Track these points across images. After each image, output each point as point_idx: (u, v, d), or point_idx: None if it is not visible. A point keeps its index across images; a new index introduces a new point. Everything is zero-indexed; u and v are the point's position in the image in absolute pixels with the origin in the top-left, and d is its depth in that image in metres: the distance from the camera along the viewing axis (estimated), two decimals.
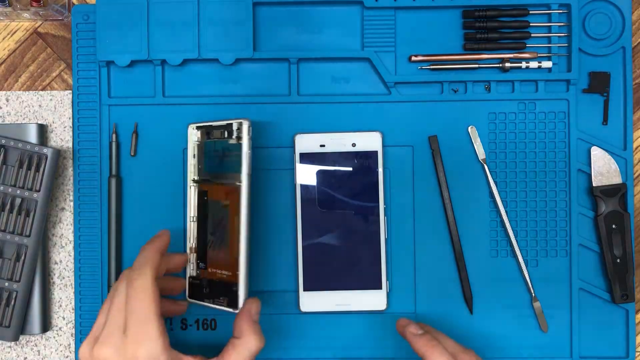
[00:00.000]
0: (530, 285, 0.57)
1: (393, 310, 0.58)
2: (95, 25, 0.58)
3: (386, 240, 0.57)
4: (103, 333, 0.46)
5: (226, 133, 0.53)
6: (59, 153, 0.57)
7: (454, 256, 0.58)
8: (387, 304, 0.57)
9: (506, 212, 0.58)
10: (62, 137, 0.60)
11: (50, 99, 0.60)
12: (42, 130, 0.59)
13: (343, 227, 0.57)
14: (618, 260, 0.57)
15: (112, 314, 0.46)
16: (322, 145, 0.57)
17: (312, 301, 0.57)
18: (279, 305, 0.58)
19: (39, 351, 0.59)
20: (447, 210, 0.58)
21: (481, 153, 0.58)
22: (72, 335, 0.59)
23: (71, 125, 0.59)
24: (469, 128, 0.58)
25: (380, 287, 0.57)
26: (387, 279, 0.57)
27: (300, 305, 0.57)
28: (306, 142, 0.57)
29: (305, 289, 0.57)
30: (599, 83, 0.58)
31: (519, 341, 0.58)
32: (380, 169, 0.57)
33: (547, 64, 0.58)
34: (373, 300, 0.57)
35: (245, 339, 0.48)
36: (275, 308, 0.58)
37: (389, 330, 0.58)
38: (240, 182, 0.50)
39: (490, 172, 0.58)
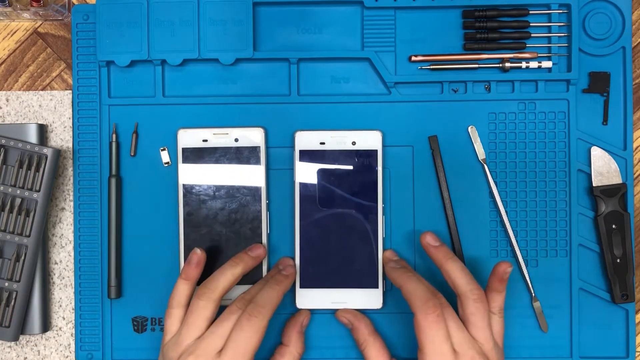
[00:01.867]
0: (530, 285, 0.57)
1: (390, 309, 0.58)
2: (95, 25, 0.58)
3: (384, 239, 0.57)
4: (200, 347, 0.49)
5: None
6: (59, 153, 0.57)
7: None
8: (384, 303, 0.57)
9: (506, 212, 0.58)
10: (62, 137, 0.60)
11: (50, 99, 0.60)
12: (42, 130, 0.59)
13: (341, 225, 0.57)
14: (618, 260, 0.57)
15: (212, 337, 0.49)
16: (322, 143, 0.57)
17: (308, 298, 0.57)
18: None
19: (39, 351, 0.59)
20: (447, 210, 0.58)
21: (481, 153, 0.58)
22: (72, 335, 0.59)
23: (71, 125, 0.60)
24: (469, 128, 0.58)
25: (376, 286, 0.57)
26: (383, 278, 0.57)
27: (297, 301, 0.57)
28: (306, 140, 0.57)
29: (301, 286, 0.57)
30: (599, 83, 0.58)
31: (519, 341, 0.58)
32: (379, 168, 0.57)
33: (547, 64, 0.58)
34: (369, 298, 0.57)
35: (292, 347, 0.54)
36: None
37: (385, 329, 0.58)
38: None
39: (490, 172, 0.58)
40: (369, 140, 0.57)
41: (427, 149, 0.58)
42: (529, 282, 0.57)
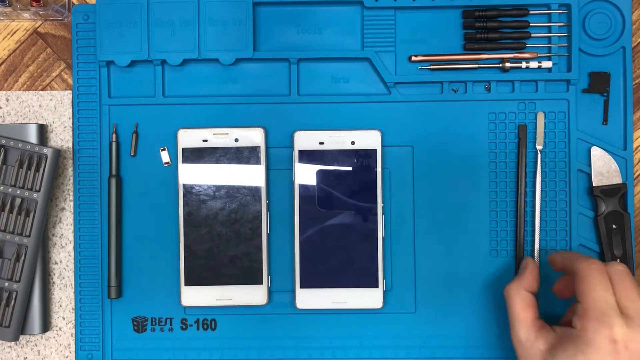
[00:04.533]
0: None
1: (390, 309, 0.58)
2: (95, 25, 0.58)
3: (383, 238, 0.57)
4: None
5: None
6: (59, 153, 0.57)
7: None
8: (384, 303, 0.57)
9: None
10: (62, 137, 0.60)
11: (50, 99, 0.60)
12: (42, 130, 0.59)
13: (340, 225, 0.57)
14: (618, 260, 0.57)
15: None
16: (321, 143, 0.57)
17: (309, 298, 0.57)
18: (275, 304, 0.58)
19: (39, 351, 0.59)
20: (520, 197, 0.57)
21: (540, 142, 0.57)
22: (72, 335, 0.59)
23: (71, 125, 0.60)
24: (538, 114, 0.58)
25: (376, 286, 0.57)
26: (383, 278, 0.57)
27: (297, 302, 0.57)
28: (305, 139, 0.57)
29: (302, 286, 0.57)
30: (599, 83, 0.58)
31: None
32: (379, 168, 0.57)
33: (547, 64, 0.58)
34: (369, 298, 0.56)
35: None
36: (272, 306, 0.58)
37: (385, 329, 0.58)
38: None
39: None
40: (368, 139, 0.57)
41: (427, 149, 0.58)
42: None
